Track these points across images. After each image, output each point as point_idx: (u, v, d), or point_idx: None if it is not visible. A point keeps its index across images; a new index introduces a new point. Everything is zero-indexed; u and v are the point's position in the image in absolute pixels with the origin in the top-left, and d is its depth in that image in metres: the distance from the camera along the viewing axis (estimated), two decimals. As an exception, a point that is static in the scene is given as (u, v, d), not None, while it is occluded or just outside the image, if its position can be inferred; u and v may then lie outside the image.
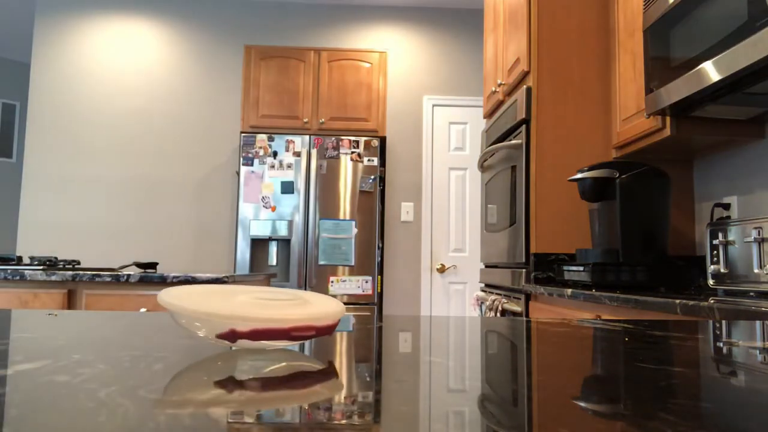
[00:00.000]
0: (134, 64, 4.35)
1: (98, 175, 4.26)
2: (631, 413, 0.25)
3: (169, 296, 0.40)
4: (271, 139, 3.78)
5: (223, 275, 1.97)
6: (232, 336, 0.35)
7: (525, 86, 2.31)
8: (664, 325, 0.64)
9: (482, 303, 2.67)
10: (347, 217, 3.74)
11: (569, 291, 1.69)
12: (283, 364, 0.38)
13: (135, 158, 4.29)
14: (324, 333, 0.40)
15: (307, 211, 3.73)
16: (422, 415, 0.25)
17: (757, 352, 0.48)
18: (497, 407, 0.27)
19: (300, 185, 3.74)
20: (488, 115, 3.07)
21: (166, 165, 4.30)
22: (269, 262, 3.74)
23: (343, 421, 0.23)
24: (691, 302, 1.14)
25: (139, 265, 2.36)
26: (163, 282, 1.96)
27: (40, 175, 4.23)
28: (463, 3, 4.45)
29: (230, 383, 0.32)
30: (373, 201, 3.76)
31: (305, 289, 3.63)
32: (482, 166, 2.90)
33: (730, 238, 1.68)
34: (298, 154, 3.76)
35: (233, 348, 0.40)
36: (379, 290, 3.72)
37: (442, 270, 4.28)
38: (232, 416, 0.24)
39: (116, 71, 4.33)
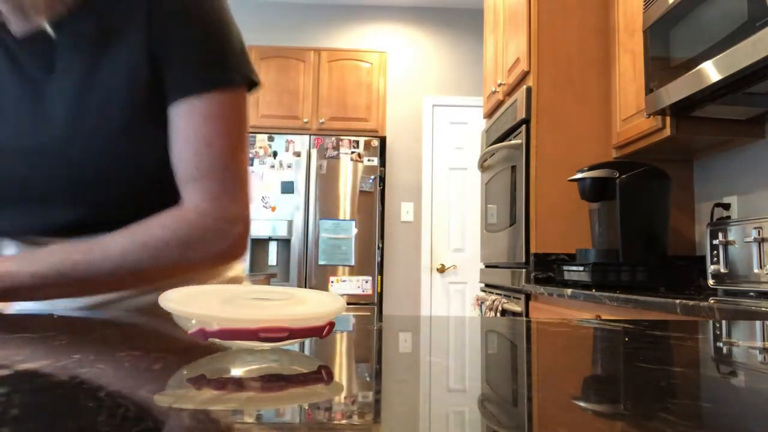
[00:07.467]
0: (134, 64, 4.34)
1: (98, 175, 4.26)
2: (631, 413, 0.25)
3: (166, 298, 0.41)
4: (271, 139, 3.77)
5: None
6: (203, 334, 0.36)
7: (525, 86, 2.31)
8: (664, 325, 0.64)
9: (482, 303, 2.67)
10: (347, 217, 3.74)
11: (569, 291, 1.69)
12: (275, 365, 0.38)
13: (135, 158, 4.29)
14: (308, 335, 0.40)
15: (307, 211, 3.73)
16: (422, 415, 0.25)
17: (757, 352, 0.48)
18: (497, 407, 0.27)
19: (300, 185, 3.74)
20: (488, 115, 3.06)
21: (166, 165, 4.30)
22: (269, 262, 3.74)
23: (343, 421, 0.23)
24: (691, 302, 1.14)
25: (139, 265, 2.36)
26: (163, 282, 1.95)
27: (40, 175, 4.22)
28: (463, 3, 4.45)
29: (230, 383, 0.32)
30: (373, 201, 3.76)
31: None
32: (482, 166, 2.90)
33: (730, 238, 1.68)
34: (298, 154, 3.76)
35: (233, 348, 0.40)
36: (379, 290, 3.72)
37: (442, 270, 4.28)
38: (232, 416, 0.24)
39: (116, 71, 4.33)
